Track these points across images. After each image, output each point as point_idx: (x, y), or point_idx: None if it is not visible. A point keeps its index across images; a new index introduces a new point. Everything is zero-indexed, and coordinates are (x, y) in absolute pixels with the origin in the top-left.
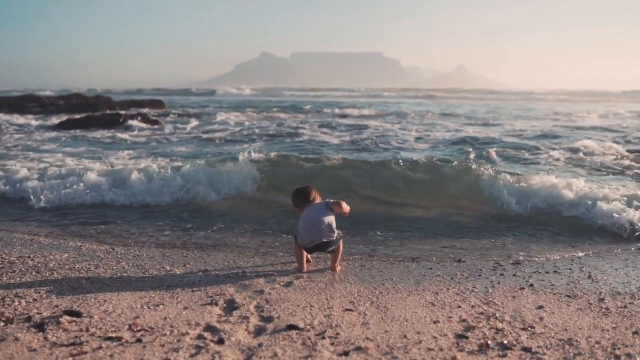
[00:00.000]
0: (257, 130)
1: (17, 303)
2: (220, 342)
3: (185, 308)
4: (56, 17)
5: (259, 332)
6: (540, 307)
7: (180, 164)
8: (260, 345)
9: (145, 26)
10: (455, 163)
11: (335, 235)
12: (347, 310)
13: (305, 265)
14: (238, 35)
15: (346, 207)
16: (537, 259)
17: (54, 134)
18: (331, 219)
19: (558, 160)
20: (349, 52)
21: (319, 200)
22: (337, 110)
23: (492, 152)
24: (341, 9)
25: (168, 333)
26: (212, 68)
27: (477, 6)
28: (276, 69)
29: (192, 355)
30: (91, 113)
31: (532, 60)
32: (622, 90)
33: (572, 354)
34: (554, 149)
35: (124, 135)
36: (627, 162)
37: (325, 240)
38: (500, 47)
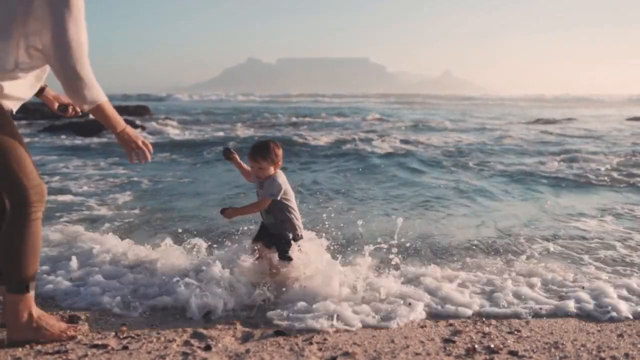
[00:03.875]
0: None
1: None
2: (207, 348)
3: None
4: None
5: (245, 338)
6: None
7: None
8: (248, 351)
9: (132, 31)
10: None
11: None
12: None
13: None
14: (225, 41)
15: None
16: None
17: (47, 140)
18: None
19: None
20: (335, 58)
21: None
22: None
23: None
24: (328, 14)
25: (155, 340)
26: (199, 73)
27: (462, 10)
28: (262, 74)
29: None
30: (76, 119)
31: (519, 64)
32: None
33: (557, 357)
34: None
35: (112, 139)
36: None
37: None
38: (486, 52)
